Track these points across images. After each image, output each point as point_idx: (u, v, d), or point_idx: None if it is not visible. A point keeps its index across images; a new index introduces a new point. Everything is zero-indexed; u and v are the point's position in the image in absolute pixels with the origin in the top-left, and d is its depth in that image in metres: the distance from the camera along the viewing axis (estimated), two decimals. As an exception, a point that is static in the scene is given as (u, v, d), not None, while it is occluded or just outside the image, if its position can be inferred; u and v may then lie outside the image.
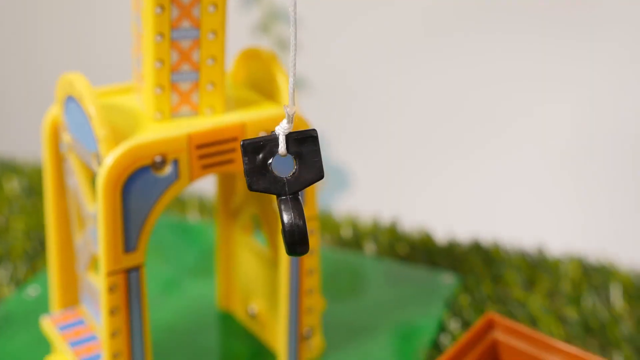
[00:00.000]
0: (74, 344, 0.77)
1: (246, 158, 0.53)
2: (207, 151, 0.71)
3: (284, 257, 0.79)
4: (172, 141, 0.69)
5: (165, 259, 1.02)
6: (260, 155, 0.53)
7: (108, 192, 0.67)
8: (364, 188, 1.55)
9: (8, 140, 1.53)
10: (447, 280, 0.98)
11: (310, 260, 0.81)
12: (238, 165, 0.73)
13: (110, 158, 0.67)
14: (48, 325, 0.80)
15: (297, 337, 0.83)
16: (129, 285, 0.71)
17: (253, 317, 0.89)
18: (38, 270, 0.99)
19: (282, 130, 0.54)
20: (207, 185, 1.17)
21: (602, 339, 0.88)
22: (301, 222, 0.53)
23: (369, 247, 1.06)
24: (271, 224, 0.83)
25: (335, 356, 0.86)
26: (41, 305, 0.91)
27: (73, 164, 0.74)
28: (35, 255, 1.02)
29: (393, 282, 0.98)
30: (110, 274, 0.70)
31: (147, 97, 0.72)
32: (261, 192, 0.54)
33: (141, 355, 0.74)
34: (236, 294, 0.91)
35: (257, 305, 0.88)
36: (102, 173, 0.67)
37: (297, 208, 0.53)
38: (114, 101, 0.75)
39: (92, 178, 0.73)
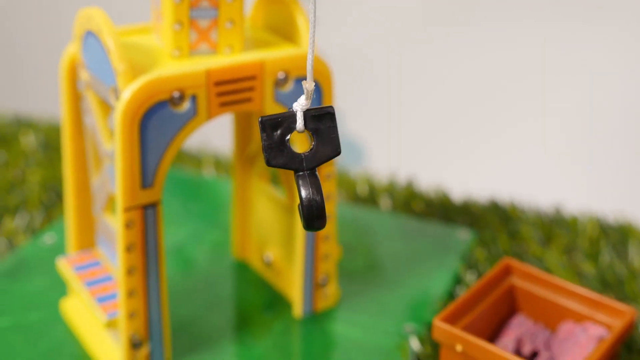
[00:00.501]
0: (89, 283, 0.77)
1: (264, 134, 0.53)
2: (226, 88, 0.71)
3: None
4: (191, 76, 0.69)
5: (181, 213, 1.02)
6: (279, 132, 0.54)
7: (125, 126, 0.67)
8: (380, 155, 1.55)
9: (26, 98, 1.53)
10: (463, 235, 0.98)
11: (327, 206, 0.80)
12: (256, 105, 0.73)
13: (128, 91, 0.67)
14: (64, 265, 0.80)
15: (313, 285, 0.83)
16: (146, 222, 0.71)
17: (268, 265, 0.88)
18: (54, 220, 0.99)
19: (299, 106, 0.54)
20: (223, 142, 1.17)
21: (619, 293, 0.87)
22: (319, 197, 0.54)
23: (385, 204, 1.06)
24: (288, 170, 0.82)
25: (350, 306, 0.86)
26: (57, 252, 0.91)
27: (91, 102, 0.74)
28: (51, 205, 1.02)
29: (409, 237, 0.98)
30: (127, 210, 0.69)
31: (165, 34, 0.71)
32: (279, 167, 0.54)
33: (157, 293, 0.74)
34: (252, 243, 0.91)
35: (272, 254, 0.88)
36: (120, 106, 0.67)
37: (315, 183, 0.54)
38: (132, 40, 0.74)
39: (109, 116, 0.73)
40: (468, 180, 1.17)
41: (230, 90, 0.71)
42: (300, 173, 0.54)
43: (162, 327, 0.75)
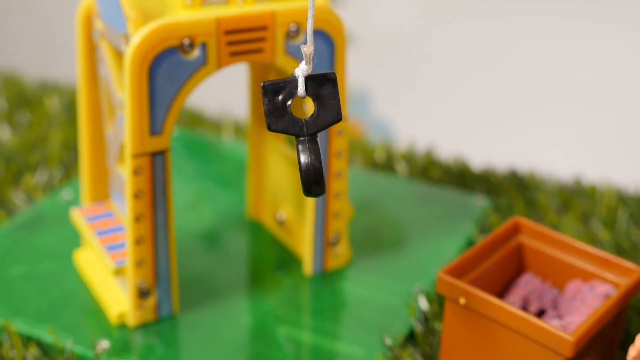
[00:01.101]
0: (100, 233, 0.78)
1: (266, 99, 0.54)
2: (236, 38, 0.71)
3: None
4: (201, 24, 0.69)
5: (199, 174, 1.03)
6: (280, 97, 0.54)
7: (135, 71, 0.68)
8: (403, 125, 1.55)
9: (53, 63, 1.54)
10: (479, 202, 0.97)
11: (338, 163, 0.80)
12: (267, 56, 0.73)
13: (137, 37, 0.67)
14: (77, 215, 0.81)
15: (323, 243, 0.83)
16: (154, 169, 0.71)
17: (281, 223, 0.88)
18: (72, 177, 1.00)
19: (301, 72, 0.54)
20: (243, 109, 1.17)
21: (635, 260, 0.86)
22: (317, 163, 0.54)
23: (403, 171, 1.05)
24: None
25: (361, 266, 0.86)
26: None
27: (105, 52, 0.75)
28: (71, 164, 1.03)
29: (424, 203, 0.97)
30: (135, 156, 0.70)
31: (178, -17, 0.71)
32: (280, 132, 0.54)
33: (165, 242, 0.74)
34: (265, 202, 0.91)
35: (285, 212, 0.88)
36: (129, 52, 0.67)
37: (314, 149, 0.54)
38: (146, -10, 0.75)
39: (122, 64, 0.73)
40: (489, 151, 1.16)
41: (241, 39, 0.71)
42: (301, 138, 0.54)
43: (170, 277, 0.76)
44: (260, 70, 0.86)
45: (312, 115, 0.55)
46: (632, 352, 0.60)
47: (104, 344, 0.74)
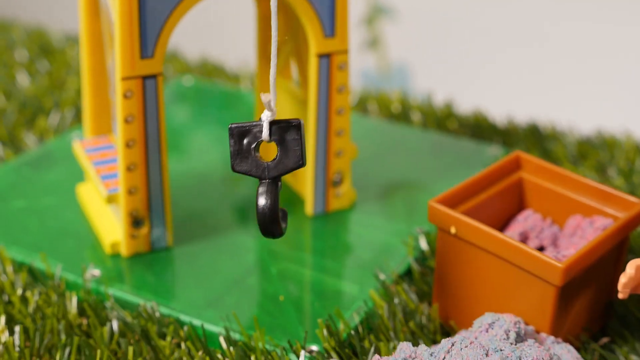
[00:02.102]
0: (97, 163, 0.77)
1: (232, 140, 0.56)
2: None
3: (312, 95, 0.78)
4: (193, -57, 0.68)
5: (212, 119, 1.02)
6: (246, 140, 0.56)
7: (125, -10, 0.67)
8: (424, 78, 1.52)
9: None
10: (494, 152, 0.94)
11: (340, 99, 0.79)
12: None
13: (128, -46, 0.66)
14: (78, 147, 0.80)
15: (325, 182, 0.82)
16: (145, 94, 0.70)
17: (285, 164, 0.87)
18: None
19: (265, 117, 0.56)
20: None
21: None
22: (274, 207, 0.56)
23: (419, 122, 1.03)
24: (303, 60, 0.81)
25: (366, 209, 0.84)
26: (81, 146, 0.92)
27: (103, -22, 0.74)
28: (85, 108, 1.03)
29: (438, 152, 0.95)
30: (125, 79, 0.69)
31: None
32: (243, 173, 0.57)
33: (158, 169, 0.73)
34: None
35: (289, 152, 0.86)
36: (120, -31, 0.66)
37: (273, 193, 0.56)
38: None
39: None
40: (510, 106, 1.13)
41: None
42: (263, 181, 0.56)
43: (164, 206, 0.75)
44: (267, 6, 0.84)
45: (274, 159, 0.56)
46: (622, 279, 0.57)
47: (95, 271, 0.73)
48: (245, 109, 1.03)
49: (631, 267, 0.57)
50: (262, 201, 0.56)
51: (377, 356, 0.56)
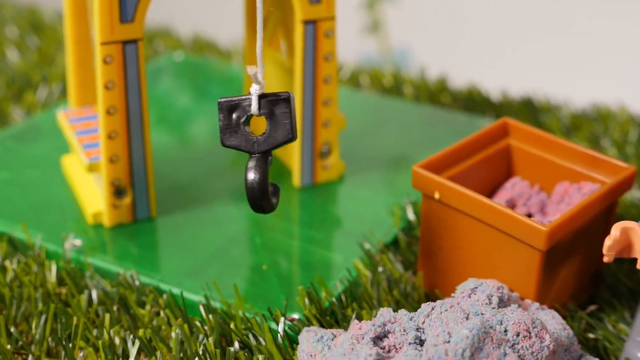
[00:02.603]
0: (80, 132, 0.76)
1: (221, 115, 0.55)
2: None
3: (298, 63, 0.76)
4: None
5: (202, 94, 1.01)
6: (235, 114, 0.55)
7: (103, -48, 0.65)
8: (421, 54, 1.51)
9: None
10: (487, 124, 0.93)
11: (327, 67, 0.77)
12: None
13: None
14: (61, 117, 0.79)
15: (313, 153, 0.80)
16: (125, 59, 0.69)
17: (273, 136, 0.86)
18: (73, 95, 0.99)
19: (254, 91, 0.55)
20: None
21: (643, 179, 0.82)
22: (263, 181, 0.55)
23: (412, 95, 1.02)
24: (290, 29, 0.79)
25: (354, 181, 0.83)
26: (67, 119, 0.91)
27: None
28: (73, 82, 1.02)
29: (430, 125, 0.94)
30: (105, 44, 0.68)
31: None
32: (233, 148, 0.56)
33: (140, 137, 0.72)
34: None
35: (276, 124, 0.85)
36: None
37: (263, 168, 0.55)
38: None
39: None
40: (508, 83, 1.11)
41: None
42: (253, 155, 0.55)
43: (147, 175, 0.74)
44: (252, -25, 0.83)
45: (264, 133, 0.56)
46: (607, 241, 0.56)
47: (76, 241, 0.72)
48: (236, 84, 1.01)
49: (616, 229, 0.55)
50: (251, 175, 0.55)
51: (356, 321, 0.55)
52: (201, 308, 0.64)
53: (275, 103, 0.56)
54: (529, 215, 0.68)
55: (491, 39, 1.47)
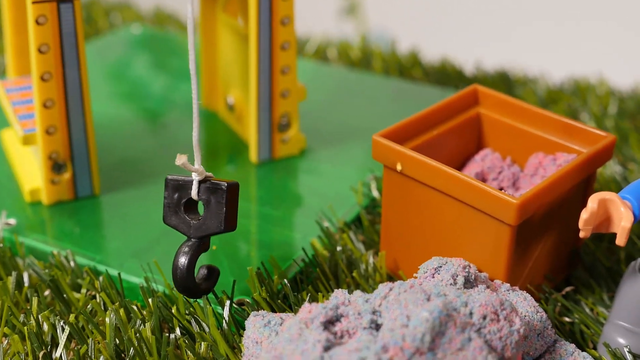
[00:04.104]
0: (16, 103, 0.70)
1: (166, 192, 0.55)
2: None
3: (252, 28, 0.71)
4: None
5: (160, 67, 0.95)
6: (177, 194, 0.54)
7: None
8: (397, 29, 1.46)
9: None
10: (459, 98, 0.88)
11: (284, 32, 0.72)
12: None
13: None
14: (-2, 87, 0.73)
15: (270, 125, 0.75)
16: (60, 20, 0.63)
17: (231, 108, 0.80)
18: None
19: (194, 176, 0.54)
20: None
21: (624, 149, 0.77)
22: (190, 267, 0.53)
23: (381, 68, 0.96)
24: (243, -4, 0.74)
25: (316, 156, 0.78)
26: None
27: None
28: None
29: (399, 98, 0.88)
30: (37, 2, 0.62)
31: None
32: (172, 227, 0.55)
33: (79, 107, 0.66)
34: (218, 89, 0.83)
35: (234, 96, 0.80)
36: None
37: (192, 253, 0.53)
38: None
39: None
40: (481, 55, 1.06)
41: None
42: (188, 240, 0.54)
43: (88, 149, 0.68)
44: None
45: (200, 219, 0.54)
46: (583, 214, 0.50)
47: (10, 220, 0.66)
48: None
49: (593, 200, 0.50)
50: (180, 260, 0.54)
51: (306, 304, 0.50)
52: (141, 291, 0.58)
53: (213, 191, 0.54)
54: (501, 190, 0.63)
55: (474, 14, 1.42)
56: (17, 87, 0.73)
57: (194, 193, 0.54)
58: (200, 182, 0.54)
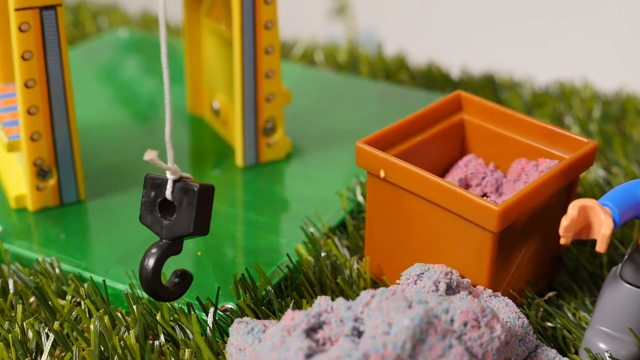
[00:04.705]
0: (2, 110, 0.70)
1: (145, 190, 0.54)
2: None
3: (236, 32, 0.71)
4: None
5: (148, 71, 0.95)
6: (153, 193, 0.54)
7: None
8: (387, 34, 1.46)
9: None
10: (445, 101, 0.88)
11: (268, 36, 0.72)
12: None
13: None
14: (-18, 94, 0.73)
15: (256, 130, 0.75)
16: (43, 27, 0.63)
17: (216, 113, 0.80)
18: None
19: (169, 174, 0.53)
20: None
21: (608, 154, 0.77)
22: (156, 269, 0.53)
23: (367, 72, 0.96)
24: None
25: (302, 160, 0.78)
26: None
27: None
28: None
29: (386, 102, 0.89)
30: (20, 9, 0.62)
31: None
32: (146, 226, 0.54)
33: (63, 113, 0.66)
34: (203, 94, 0.83)
35: (219, 100, 0.80)
36: None
37: (160, 254, 0.53)
38: None
39: None
40: (467, 60, 1.07)
41: None
42: (160, 240, 0.53)
43: (73, 155, 0.68)
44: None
45: (171, 220, 0.53)
46: (563, 221, 0.51)
47: (-4, 227, 0.66)
48: (179, 60, 0.96)
49: (573, 207, 0.50)
50: (147, 262, 0.53)
51: (289, 311, 0.50)
52: (126, 298, 0.59)
53: (185, 192, 0.53)
54: (484, 195, 0.63)
55: (461, 16, 1.42)
56: (2, 94, 0.73)
57: (168, 192, 0.53)
58: (175, 182, 0.53)
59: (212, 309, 0.56)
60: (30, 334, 0.55)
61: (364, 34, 1.60)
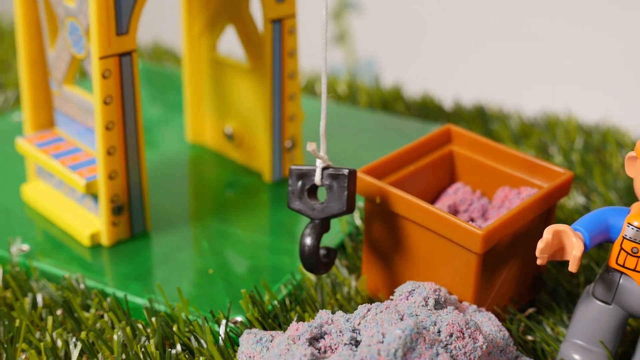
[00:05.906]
0: (57, 155, 0.74)
1: (290, 180, 0.62)
2: None
3: (267, 60, 0.78)
4: None
5: (156, 100, 1.01)
6: (301, 181, 0.61)
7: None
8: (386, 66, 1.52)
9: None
10: (438, 132, 0.94)
11: (291, 63, 0.80)
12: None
13: None
14: (24, 144, 0.77)
15: (281, 147, 0.82)
16: (122, 72, 0.69)
17: (230, 138, 0.86)
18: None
19: (318, 163, 0.61)
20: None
21: (588, 183, 0.83)
22: (315, 246, 0.60)
23: (366, 102, 1.03)
24: (248, 31, 0.80)
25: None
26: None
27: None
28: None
29: (382, 131, 0.95)
30: (103, 58, 0.67)
31: None
32: (296, 211, 0.62)
33: (136, 151, 0.72)
34: (206, 123, 0.89)
35: (232, 125, 0.86)
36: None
37: (316, 234, 0.60)
38: None
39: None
40: (459, 91, 1.13)
41: None
42: (312, 221, 0.61)
43: (142, 190, 0.73)
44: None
45: (323, 202, 0.61)
46: (539, 244, 0.57)
47: (23, 246, 0.72)
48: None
49: (548, 232, 0.57)
50: (306, 240, 0.60)
51: (294, 323, 0.56)
52: (145, 311, 0.65)
53: (335, 177, 0.60)
54: (471, 220, 0.69)
55: (458, 47, 1.48)
56: (45, 141, 0.77)
57: (317, 179, 0.61)
58: (323, 170, 0.60)
59: (223, 321, 0.62)
60: (59, 343, 0.61)
61: (363, 61, 1.66)
